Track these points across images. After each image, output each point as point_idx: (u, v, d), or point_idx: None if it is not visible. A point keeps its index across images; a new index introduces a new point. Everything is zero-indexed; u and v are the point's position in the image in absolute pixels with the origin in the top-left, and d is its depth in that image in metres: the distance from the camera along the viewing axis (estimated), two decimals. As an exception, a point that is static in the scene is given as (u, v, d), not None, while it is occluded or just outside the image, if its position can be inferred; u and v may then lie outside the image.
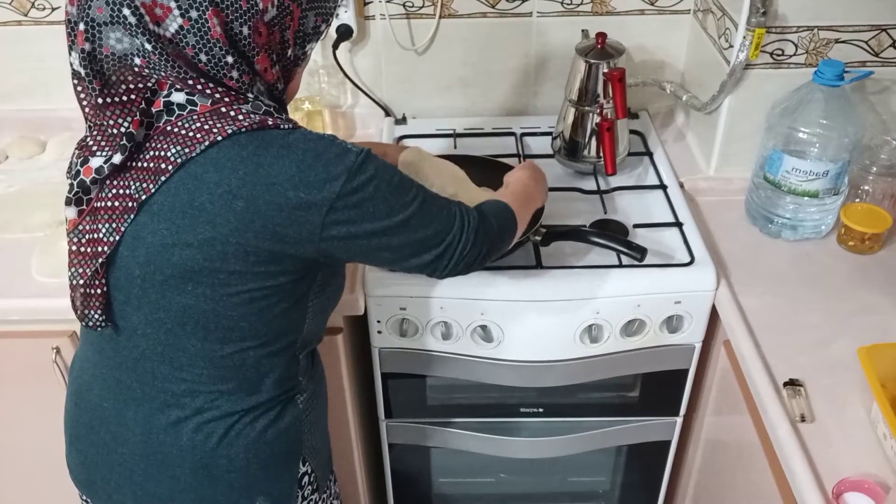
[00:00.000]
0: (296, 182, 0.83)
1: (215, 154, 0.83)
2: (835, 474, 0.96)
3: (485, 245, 1.00)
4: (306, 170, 0.84)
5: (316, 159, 0.84)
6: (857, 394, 1.07)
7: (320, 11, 0.91)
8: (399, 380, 1.40)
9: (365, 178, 0.87)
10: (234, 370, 0.95)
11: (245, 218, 0.84)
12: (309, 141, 0.86)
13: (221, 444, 0.96)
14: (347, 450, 1.48)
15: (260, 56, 0.86)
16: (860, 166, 1.36)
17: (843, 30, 1.32)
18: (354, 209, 0.87)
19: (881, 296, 1.24)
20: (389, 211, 0.90)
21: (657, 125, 1.67)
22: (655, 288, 1.27)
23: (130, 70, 0.83)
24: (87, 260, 0.90)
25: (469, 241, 0.98)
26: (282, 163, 0.84)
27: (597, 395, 1.46)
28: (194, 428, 0.96)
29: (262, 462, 1.00)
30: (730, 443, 1.32)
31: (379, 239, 0.90)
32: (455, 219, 0.97)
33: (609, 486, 1.67)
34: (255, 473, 1.00)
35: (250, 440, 0.98)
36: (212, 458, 0.97)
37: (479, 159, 1.45)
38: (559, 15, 1.59)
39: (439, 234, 0.95)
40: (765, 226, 1.37)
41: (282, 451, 1.02)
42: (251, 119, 0.84)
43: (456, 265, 0.98)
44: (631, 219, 1.38)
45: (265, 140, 0.84)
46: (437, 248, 0.95)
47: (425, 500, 1.66)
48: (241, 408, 0.97)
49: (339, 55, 1.60)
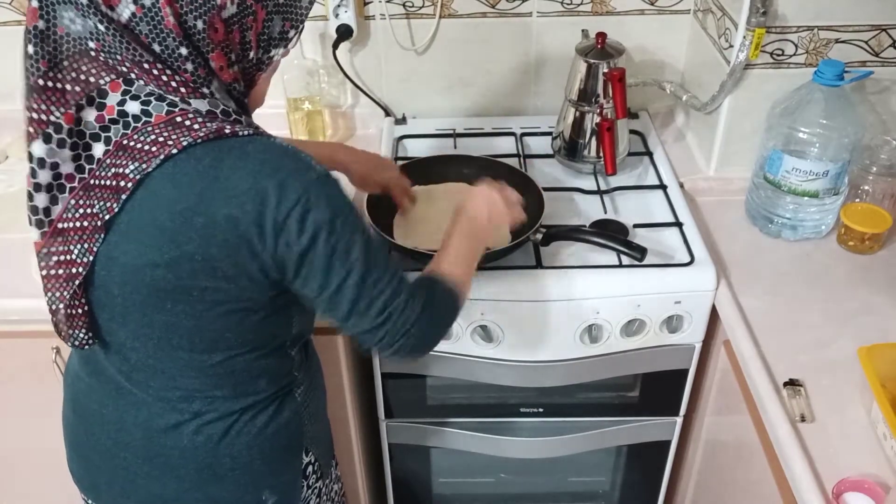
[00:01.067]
0: (252, 194, 0.80)
1: (171, 169, 0.80)
2: (835, 474, 0.96)
3: (416, 329, 0.93)
4: (263, 180, 0.81)
5: (274, 170, 0.82)
6: (857, 394, 1.07)
7: (289, 17, 0.87)
8: (399, 380, 1.40)
9: (322, 199, 0.83)
10: (226, 377, 0.94)
11: (206, 234, 0.81)
12: (268, 151, 0.83)
13: (223, 442, 0.96)
14: (347, 450, 1.48)
15: (215, 53, 0.82)
16: (860, 166, 1.36)
17: (843, 30, 1.32)
18: (307, 229, 0.83)
19: (881, 296, 1.24)
20: (338, 239, 0.85)
21: (657, 125, 1.67)
22: (655, 288, 1.27)
23: (86, 56, 0.80)
24: (62, 283, 0.87)
25: (401, 317, 0.91)
26: (238, 174, 0.81)
27: (597, 395, 1.46)
28: (194, 430, 0.96)
29: (265, 457, 1.00)
30: (730, 443, 1.32)
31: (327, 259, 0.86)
32: (383, 287, 0.90)
33: (609, 486, 1.67)
34: (259, 468, 1.00)
35: (252, 437, 0.98)
36: (214, 458, 0.97)
37: (480, 159, 1.45)
38: (559, 15, 1.59)
39: (383, 287, 0.90)
40: (765, 226, 1.37)
41: (284, 445, 1.02)
42: (207, 128, 0.81)
43: (388, 338, 0.92)
44: (631, 219, 1.38)
45: (222, 150, 0.81)
46: (379, 307, 0.90)
47: (425, 500, 1.66)
48: (239, 407, 0.97)
49: (339, 55, 1.60)
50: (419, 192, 1.41)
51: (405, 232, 1.33)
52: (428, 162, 1.46)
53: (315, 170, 0.84)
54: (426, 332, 0.95)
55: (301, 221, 0.82)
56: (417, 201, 1.39)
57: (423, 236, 1.31)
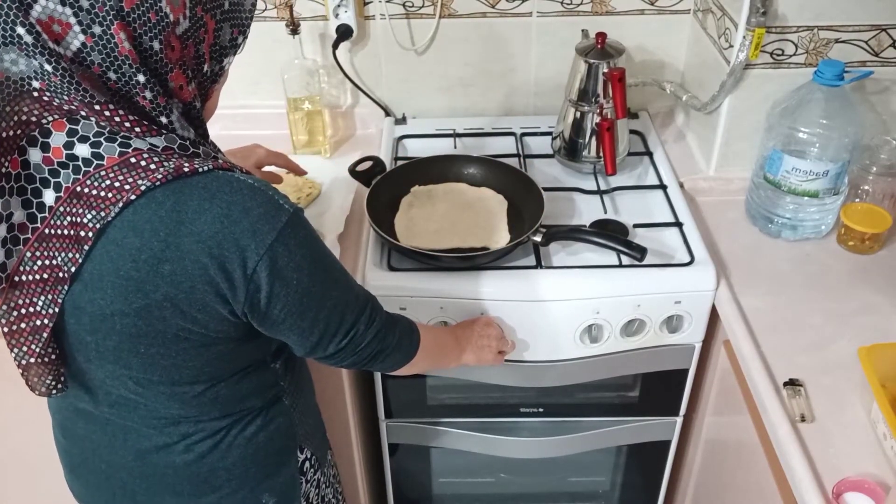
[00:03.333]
0: (220, 239, 0.78)
1: (132, 216, 0.77)
2: (835, 474, 0.96)
3: (371, 351, 0.98)
4: (232, 225, 0.78)
5: (243, 213, 0.79)
6: (857, 394, 1.07)
7: (236, 22, 0.85)
8: (399, 380, 1.40)
9: (294, 243, 0.82)
10: (210, 403, 0.94)
11: (174, 281, 0.79)
12: (235, 191, 0.79)
13: (214, 456, 0.96)
14: (347, 450, 1.48)
15: (174, 73, 0.78)
16: (860, 166, 1.36)
17: (843, 30, 1.32)
18: (275, 273, 0.81)
19: (881, 296, 1.24)
20: (312, 279, 0.85)
21: (657, 125, 1.67)
22: (655, 288, 1.27)
23: (28, 97, 0.75)
24: (28, 336, 0.83)
25: (372, 333, 0.96)
26: (205, 217, 0.78)
27: (597, 395, 1.46)
28: (183, 449, 0.95)
29: (259, 464, 1.00)
30: (730, 443, 1.32)
31: (299, 304, 0.86)
32: (352, 313, 0.93)
33: (609, 486, 1.67)
34: (255, 475, 1.00)
35: (243, 447, 0.98)
36: (209, 471, 0.97)
37: (480, 159, 1.45)
38: (559, 15, 1.59)
39: (338, 318, 0.92)
40: (765, 226, 1.37)
41: (277, 449, 1.02)
42: (165, 168, 0.77)
43: (344, 355, 0.95)
44: (631, 219, 1.38)
45: (184, 191, 0.78)
46: (344, 332, 0.93)
47: (425, 500, 1.66)
48: (226, 424, 0.97)
49: (339, 55, 1.60)
50: (419, 192, 1.41)
51: (406, 232, 1.33)
52: (428, 162, 1.46)
53: (285, 211, 0.82)
54: (376, 356, 0.99)
55: (272, 267, 0.81)
56: (417, 201, 1.39)
57: (423, 236, 1.31)
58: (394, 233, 1.33)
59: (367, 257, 1.30)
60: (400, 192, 1.40)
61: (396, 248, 1.30)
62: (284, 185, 1.49)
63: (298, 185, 1.49)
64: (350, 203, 1.43)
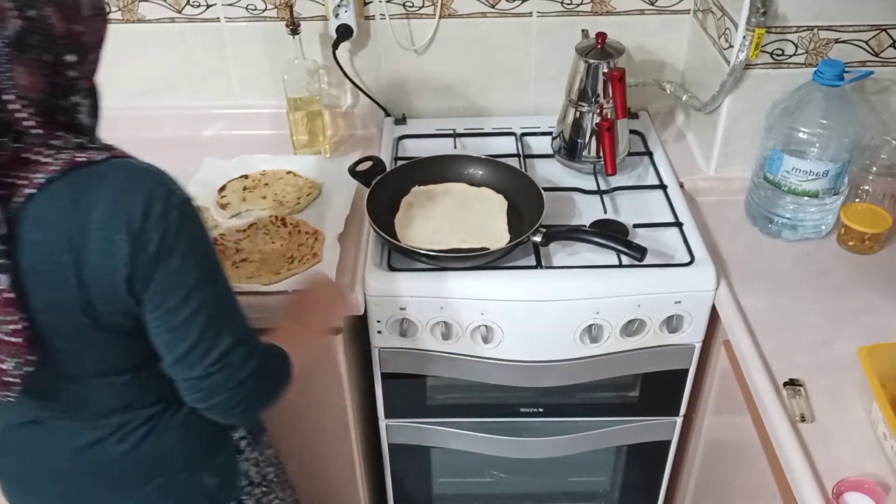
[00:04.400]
0: (116, 221, 0.79)
1: (32, 211, 0.78)
2: (835, 474, 0.96)
3: (247, 386, 0.91)
4: (126, 204, 0.79)
5: (136, 193, 0.80)
6: (857, 394, 1.07)
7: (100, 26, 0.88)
8: (399, 380, 1.40)
9: (187, 224, 0.83)
10: (139, 390, 0.94)
11: (80, 271, 0.79)
12: (127, 175, 0.81)
13: (149, 443, 0.97)
14: (347, 450, 1.48)
15: (92, 55, 0.83)
16: (860, 166, 1.36)
17: (843, 30, 1.32)
18: (164, 249, 0.81)
19: (881, 296, 1.24)
20: (195, 273, 0.85)
21: (657, 125, 1.67)
22: (655, 288, 1.27)
23: None
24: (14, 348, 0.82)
25: (250, 367, 0.90)
26: (101, 203, 0.79)
27: (597, 395, 1.46)
28: (118, 440, 0.96)
29: (195, 445, 1.01)
30: (730, 443, 1.32)
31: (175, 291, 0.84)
32: (228, 331, 0.89)
33: (609, 486, 1.67)
34: (193, 457, 1.02)
35: (177, 430, 0.99)
36: (147, 459, 0.98)
37: (480, 159, 1.45)
38: (559, 15, 1.59)
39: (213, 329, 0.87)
40: (765, 226, 1.37)
41: (212, 429, 1.02)
42: (60, 159, 0.78)
43: (213, 387, 0.89)
44: (631, 219, 1.38)
45: (78, 182, 0.79)
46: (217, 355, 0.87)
47: (425, 500, 1.66)
48: (156, 411, 0.97)
49: (339, 55, 1.60)
50: (419, 192, 1.41)
51: (406, 232, 1.33)
52: (428, 162, 1.46)
53: (178, 193, 0.83)
54: (253, 395, 0.93)
55: (160, 243, 0.81)
56: (417, 201, 1.39)
57: (423, 236, 1.31)
58: (394, 233, 1.33)
59: (367, 257, 1.30)
60: (400, 192, 1.40)
61: (396, 248, 1.30)
62: (285, 185, 1.49)
63: (298, 185, 1.49)
64: (350, 203, 1.43)
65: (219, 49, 1.63)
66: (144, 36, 1.61)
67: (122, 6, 1.58)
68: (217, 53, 1.63)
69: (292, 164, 1.55)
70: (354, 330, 1.39)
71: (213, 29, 1.60)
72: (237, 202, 1.45)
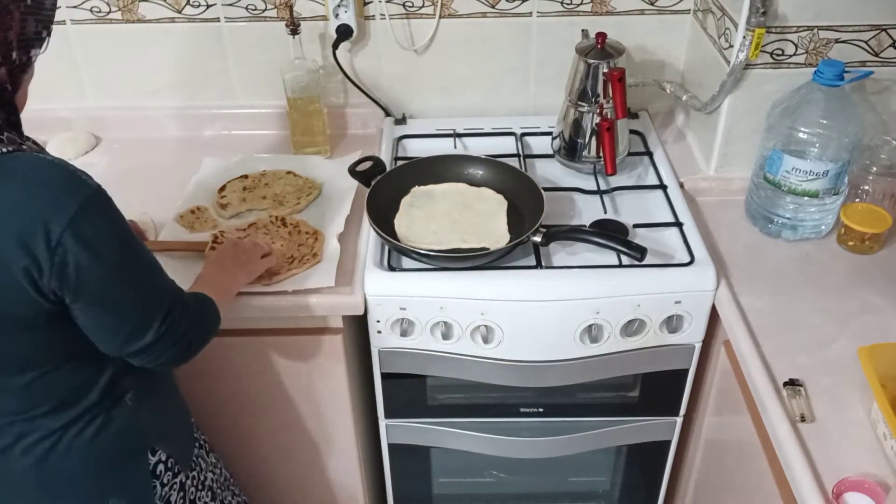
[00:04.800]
0: (19, 215, 0.78)
1: None
2: (835, 474, 0.96)
3: (189, 336, 0.98)
4: (31, 199, 0.79)
5: (43, 187, 0.80)
6: (857, 394, 1.07)
7: (39, 17, 0.87)
8: (399, 380, 1.40)
9: (98, 215, 0.83)
10: (43, 394, 0.93)
11: None
12: (36, 168, 0.81)
13: (52, 459, 0.95)
14: (347, 450, 1.48)
15: None
16: (860, 166, 1.36)
17: (843, 30, 1.32)
18: (82, 245, 0.81)
19: (881, 296, 1.24)
20: (122, 255, 0.87)
21: (657, 125, 1.67)
22: (655, 288, 1.27)
23: None
24: None
25: (189, 317, 0.96)
26: (3, 197, 0.79)
27: (597, 395, 1.46)
28: (21, 451, 0.94)
29: (104, 465, 0.99)
30: (730, 443, 1.32)
31: (112, 279, 0.86)
32: (166, 298, 0.94)
33: (609, 486, 1.67)
34: (101, 477, 1.00)
35: (83, 449, 0.97)
36: (52, 476, 0.96)
37: (480, 159, 1.45)
38: (559, 15, 1.59)
39: (154, 300, 0.92)
40: (765, 226, 1.37)
41: (122, 451, 1.01)
42: None
43: (163, 346, 0.94)
44: (631, 219, 1.38)
45: None
46: (159, 320, 0.92)
47: (425, 500, 1.66)
48: (61, 424, 0.95)
49: (339, 55, 1.60)
50: (419, 192, 1.41)
51: (406, 232, 1.33)
52: (428, 162, 1.46)
53: (87, 185, 0.83)
54: (195, 339, 0.99)
55: (77, 239, 0.81)
56: (417, 201, 1.39)
57: (423, 236, 1.31)
58: (394, 233, 1.33)
59: (367, 257, 1.30)
60: (400, 192, 1.40)
61: (396, 248, 1.30)
62: (285, 185, 1.49)
63: (299, 185, 1.49)
64: (350, 203, 1.43)
65: (219, 49, 1.63)
66: (144, 36, 1.61)
67: (122, 6, 1.58)
68: (217, 53, 1.63)
69: (292, 164, 1.55)
70: (354, 330, 1.39)
71: (213, 29, 1.60)
72: (237, 202, 1.45)
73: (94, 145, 1.67)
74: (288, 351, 1.34)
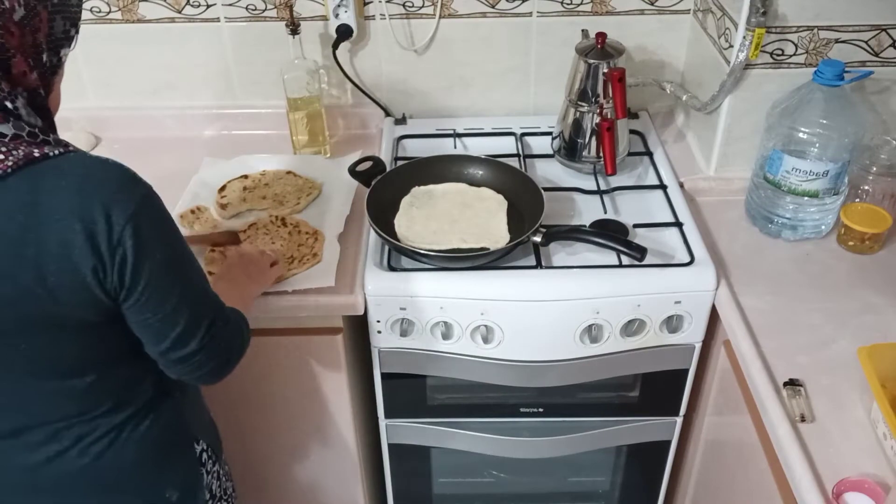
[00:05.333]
0: (80, 213, 0.78)
1: None
2: (835, 474, 0.96)
3: (229, 351, 0.97)
4: (89, 198, 0.79)
5: (99, 186, 0.80)
6: (857, 394, 1.07)
7: (66, 15, 0.86)
8: (399, 380, 1.40)
9: (155, 214, 0.84)
10: (104, 394, 0.93)
11: (40, 264, 0.79)
12: (87, 166, 0.81)
13: (110, 456, 0.95)
14: (347, 450, 1.48)
15: (17, 59, 0.80)
16: (860, 166, 1.36)
17: (843, 30, 1.32)
18: (140, 242, 0.82)
19: (881, 296, 1.24)
20: (175, 255, 0.87)
21: (657, 125, 1.67)
22: (655, 288, 1.27)
23: None
24: None
25: (222, 338, 0.94)
26: (61, 195, 0.78)
27: (597, 395, 1.46)
28: (77, 454, 0.94)
29: (157, 458, 1.00)
30: (730, 443, 1.32)
31: (164, 279, 0.86)
32: (211, 308, 0.93)
33: (609, 486, 1.67)
34: (155, 470, 1.00)
35: (137, 443, 0.97)
36: (108, 472, 0.96)
37: (480, 159, 1.45)
38: (559, 15, 1.59)
39: (201, 308, 0.91)
40: (765, 226, 1.37)
41: (173, 442, 1.02)
42: (15, 156, 0.77)
43: (205, 357, 0.92)
44: (631, 219, 1.38)
45: (36, 175, 0.78)
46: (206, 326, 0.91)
47: (425, 500, 1.66)
48: (119, 421, 0.96)
49: (339, 55, 1.60)
50: (419, 192, 1.41)
51: (406, 232, 1.33)
52: (428, 162, 1.46)
53: (142, 184, 0.84)
54: (233, 353, 0.98)
55: (136, 237, 0.81)
56: (417, 201, 1.39)
57: (423, 236, 1.31)
58: (394, 233, 1.33)
59: (367, 257, 1.30)
60: (400, 192, 1.40)
61: (396, 248, 1.30)
62: (285, 185, 1.49)
63: (299, 185, 1.49)
64: (350, 203, 1.43)
65: (219, 49, 1.63)
66: (144, 36, 1.61)
67: (122, 6, 1.58)
68: (217, 53, 1.63)
69: (292, 164, 1.55)
70: (354, 330, 1.39)
71: (213, 29, 1.60)
72: (237, 202, 1.45)
73: (94, 145, 1.67)
74: (288, 351, 1.34)
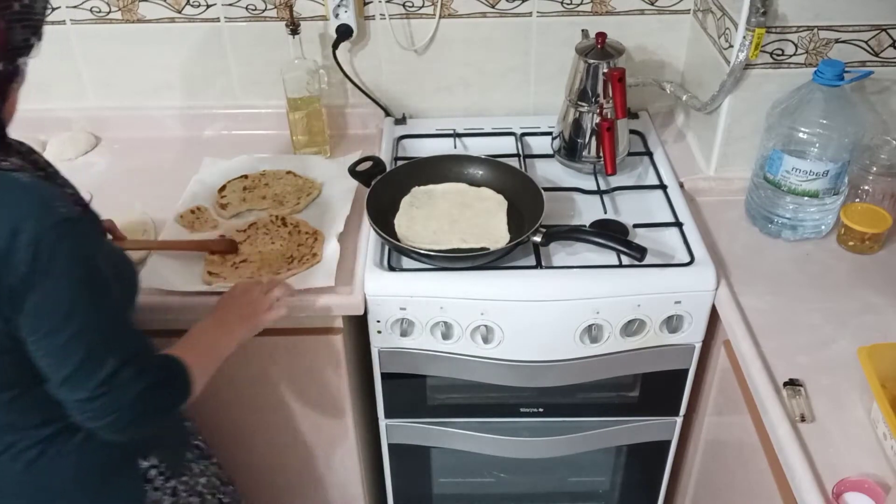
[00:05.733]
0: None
1: None
2: (835, 474, 0.96)
3: (140, 405, 0.89)
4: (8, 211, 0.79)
5: (10, 208, 0.80)
6: (857, 394, 1.07)
7: (28, 23, 0.84)
8: (399, 380, 1.40)
9: (62, 245, 0.81)
10: (29, 409, 0.92)
11: None
12: (8, 187, 0.81)
13: (42, 463, 0.95)
14: (347, 450, 1.48)
15: None
16: (860, 166, 1.36)
17: (843, 30, 1.32)
18: (40, 266, 0.80)
19: (881, 296, 1.24)
20: (75, 291, 0.83)
21: (657, 125, 1.67)
22: (655, 288, 1.27)
23: None
24: None
25: (139, 386, 0.88)
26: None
27: (597, 395, 1.46)
28: (10, 458, 0.94)
29: (95, 470, 0.99)
30: (730, 443, 1.32)
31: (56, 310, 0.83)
32: (118, 354, 0.87)
33: (609, 486, 1.67)
34: (92, 482, 0.99)
35: (73, 455, 0.97)
36: (42, 480, 0.96)
37: (480, 159, 1.45)
38: (559, 15, 1.59)
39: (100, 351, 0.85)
40: (765, 226, 1.37)
41: (113, 457, 1.01)
42: None
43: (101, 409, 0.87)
44: (631, 219, 1.38)
45: None
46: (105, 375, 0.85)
47: (425, 500, 1.66)
48: (47, 434, 0.95)
49: (339, 55, 1.60)
50: (419, 192, 1.41)
51: (406, 232, 1.33)
52: (428, 162, 1.46)
53: (57, 213, 0.81)
54: (143, 413, 0.91)
55: (35, 261, 0.79)
56: (417, 201, 1.39)
57: (423, 236, 1.31)
58: (394, 233, 1.33)
59: (367, 257, 1.30)
60: (400, 192, 1.40)
61: (396, 248, 1.30)
62: (285, 185, 1.49)
63: (299, 185, 1.49)
64: (350, 203, 1.43)
65: (219, 49, 1.63)
66: (144, 36, 1.61)
67: (122, 6, 1.58)
68: (217, 53, 1.63)
69: (292, 164, 1.55)
70: (354, 330, 1.39)
71: (213, 29, 1.60)
72: (237, 202, 1.45)
73: (94, 145, 1.67)
74: (288, 351, 1.34)
